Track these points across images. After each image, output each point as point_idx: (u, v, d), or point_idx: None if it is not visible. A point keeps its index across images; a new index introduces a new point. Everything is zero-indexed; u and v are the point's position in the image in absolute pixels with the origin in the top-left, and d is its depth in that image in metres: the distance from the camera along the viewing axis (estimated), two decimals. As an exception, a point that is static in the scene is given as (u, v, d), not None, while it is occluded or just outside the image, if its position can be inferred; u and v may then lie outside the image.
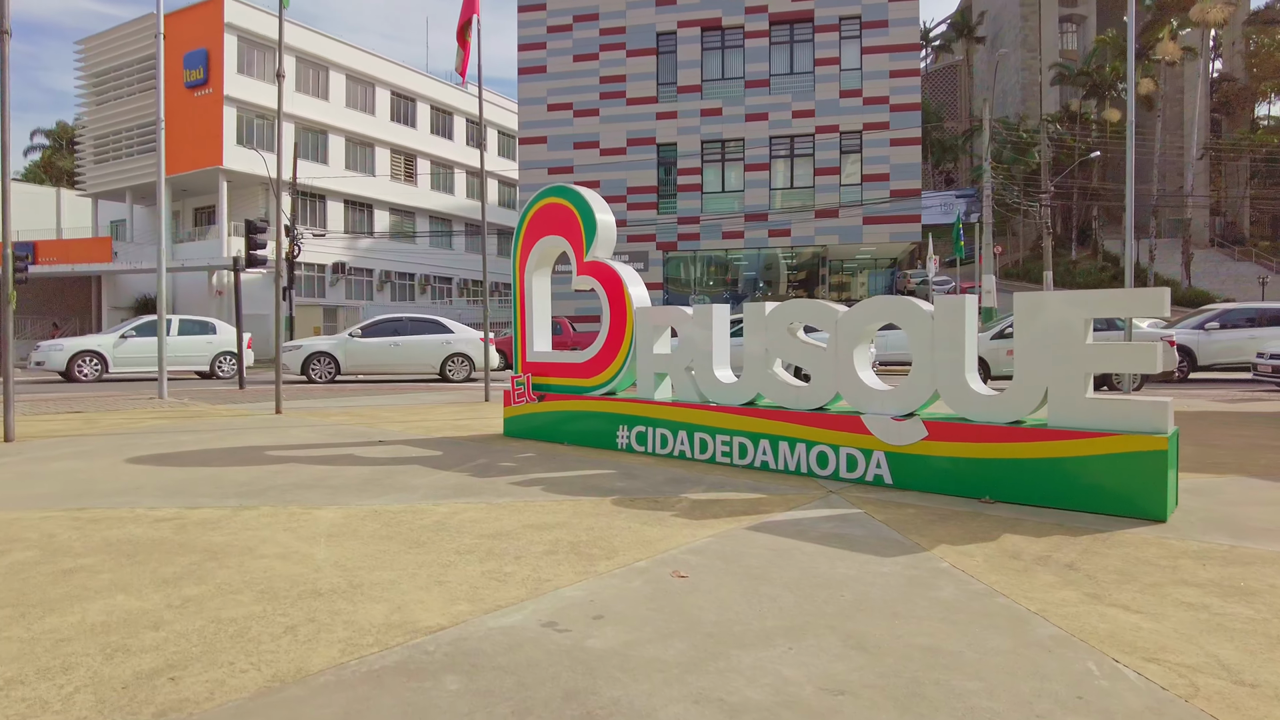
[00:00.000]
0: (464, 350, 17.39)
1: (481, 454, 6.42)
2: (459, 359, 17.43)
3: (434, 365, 17.35)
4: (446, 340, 17.40)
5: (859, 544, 3.71)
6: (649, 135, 28.07)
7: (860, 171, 27.22)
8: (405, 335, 17.18)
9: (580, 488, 5.04)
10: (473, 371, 17.55)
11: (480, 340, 17.42)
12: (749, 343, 5.79)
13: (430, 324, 17.64)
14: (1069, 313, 4.43)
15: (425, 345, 17.24)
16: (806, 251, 28.81)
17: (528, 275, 7.34)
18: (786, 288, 30.16)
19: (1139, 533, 3.91)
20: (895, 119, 26.85)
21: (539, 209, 7.24)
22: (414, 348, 17.14)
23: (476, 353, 17.42)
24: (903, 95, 26.91)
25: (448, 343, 17.39)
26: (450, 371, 17.35)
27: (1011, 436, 4.55)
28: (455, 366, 17.41)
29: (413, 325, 17.46)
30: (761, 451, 5.62)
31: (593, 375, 6.84)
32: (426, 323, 17.65)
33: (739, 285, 30.21)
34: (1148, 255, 45.56)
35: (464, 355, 17.40)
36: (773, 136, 27.52)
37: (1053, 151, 51.89)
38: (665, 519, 4.19)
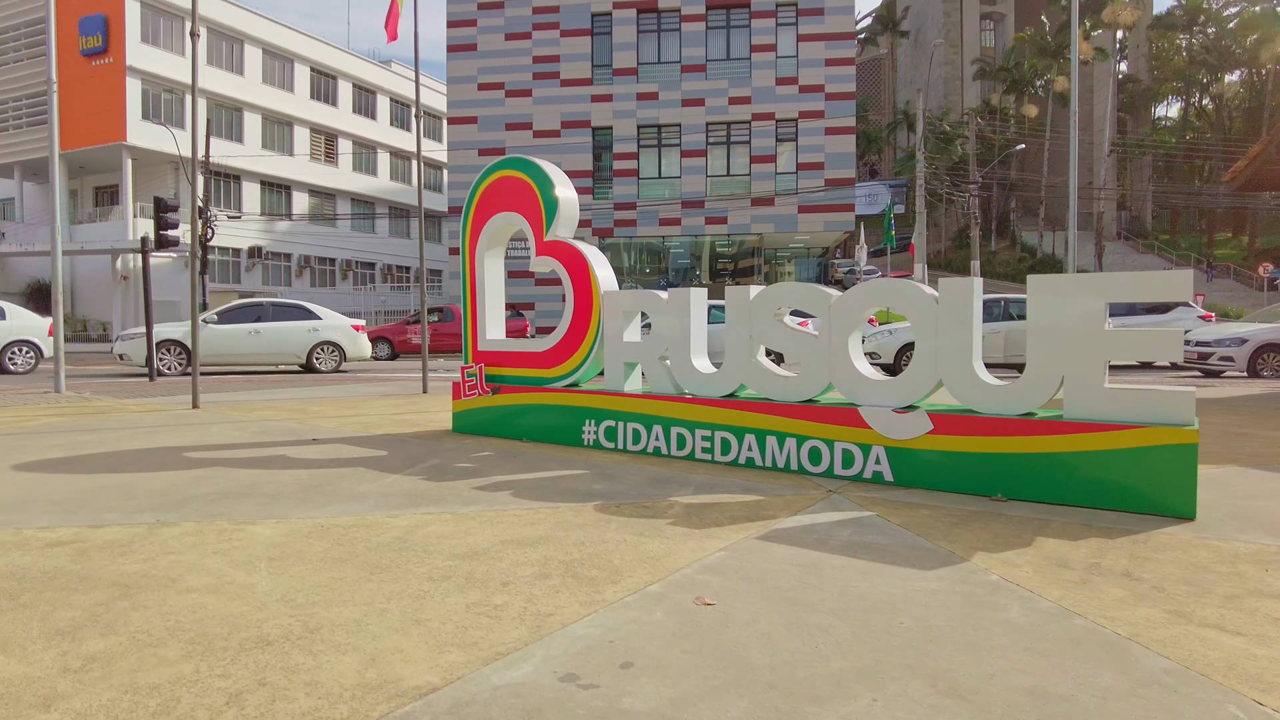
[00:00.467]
0: (333, 338, 16.07)
1: (432, 453, 5.78)
2: (327, 348, 16.09)
3: (299, 354, 15.93)
4: (313, 327, 16.02)
5: (889, 554, 3.30)
6: (584, 118, 27.37)
7: (795, 160, 27.20)
8: (267, 321, 15.72)
9: (554, 492, 4.49)
10: (343, 362, 16.30)
11: (352, 327, 16.33)
12: (731, 329, 5.33)
13: (295, 309, 16.23)
14: (1088, 297, 4.12)
15: (289, 333, 15.83)
16: (743, 240, 28.68)
17: (479, 256, 6.70)
18: (711, 275, 29.92)
19: (1175, 533, 3.62)
20: (830, 107, 26.91)
21: (491, 183, 6.60)
22: (277, 335, 15.71)
23: (348, 341, 16.21)
24: (838, 84, 26.98)
25: (314, 330, 16.01)
26: (318, 361, 16.01)
27: (1027, 430, 4.22)
28: (324, 356, 16.06)
29: (275, 310, 16.03)
30: (747, 447, 5.18)
31: (554, 365, 6.28)
32: (291, 308, 16.24)
33: (670, 273, 29.87)
34: (1063, 246, 47.42)
35: (333, 344, 16.09)
36: (709, 123, 27.21)
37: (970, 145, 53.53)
38: (662, 529, 3.69)
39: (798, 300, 5.17)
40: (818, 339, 4.98)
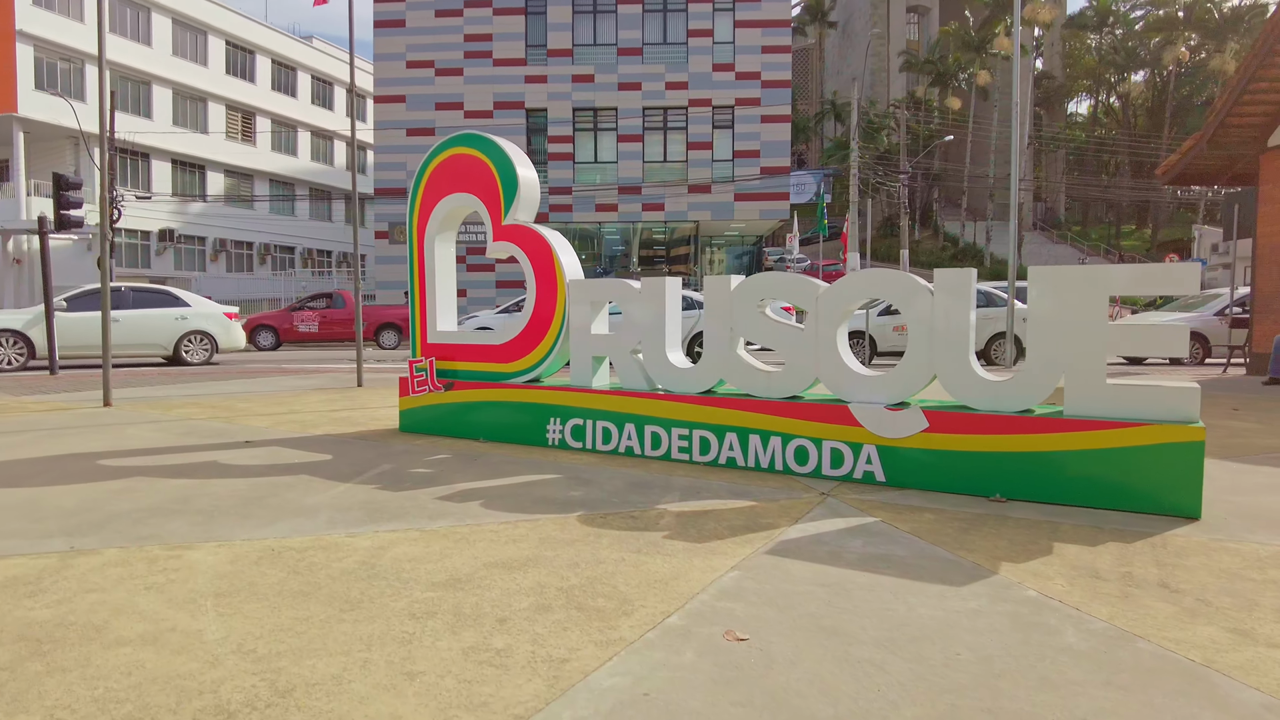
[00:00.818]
0: (204, 327, 14.92)
1: (382, 457, 5.30)
2: (197, 337, 14.92)
3: (165, 345, 14.66)
4: (181, 315, 14.74)
5: (912, 568, 3.06)
6: (517, 99, 26.62)
7: (732, 147, 27.11)
8: (128, 309, 14.30)
9: (529, 501, 4.11)
10: (215, 353, 15.22)
11: (225, 315, 15.23)
12: (710, 321, 5.02)
13: (159, 295, 14.96)
14: (1092, 289, 3.97)
15: (153, 321, 14.48)
16: (675, 227, 28.47)
17: (428, 241, 6.20)
18: (641, 262, 29.55)
19: (1187, 535, 3.50)
20: (766, 95, 26.89)
21: (443, 161, 6.10)
22: (139, 324, 14.32)
23: (221, 330, 15.10)
24: (774, 72, 26.97)
25: (183, 318, 14.74)
26: (186, 353, 14.84)
27: (1027, 428, 4.06)
28: (193, 346, 14.90)
29: (136, 296, 14.63)
30: (728, 446, 4.90)
31: (514, 359, 5.85)
32: (155, 294, 14.95)
33: (604, 260, 29.44)
34: (984, 236, 49.05)
35: (204, 333, 14.95)
36: (646, 107, 26.85)
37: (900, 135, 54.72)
38: (660, 544, 3.36)
39: (782, 291, 4.90)
40: (804, 332, 4.72)
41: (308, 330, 20.20)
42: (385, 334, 20.90)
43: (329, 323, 20.34)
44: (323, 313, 20.51)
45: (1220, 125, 10.60)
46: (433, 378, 6.11)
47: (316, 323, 20.19)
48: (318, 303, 20.66)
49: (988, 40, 46.55)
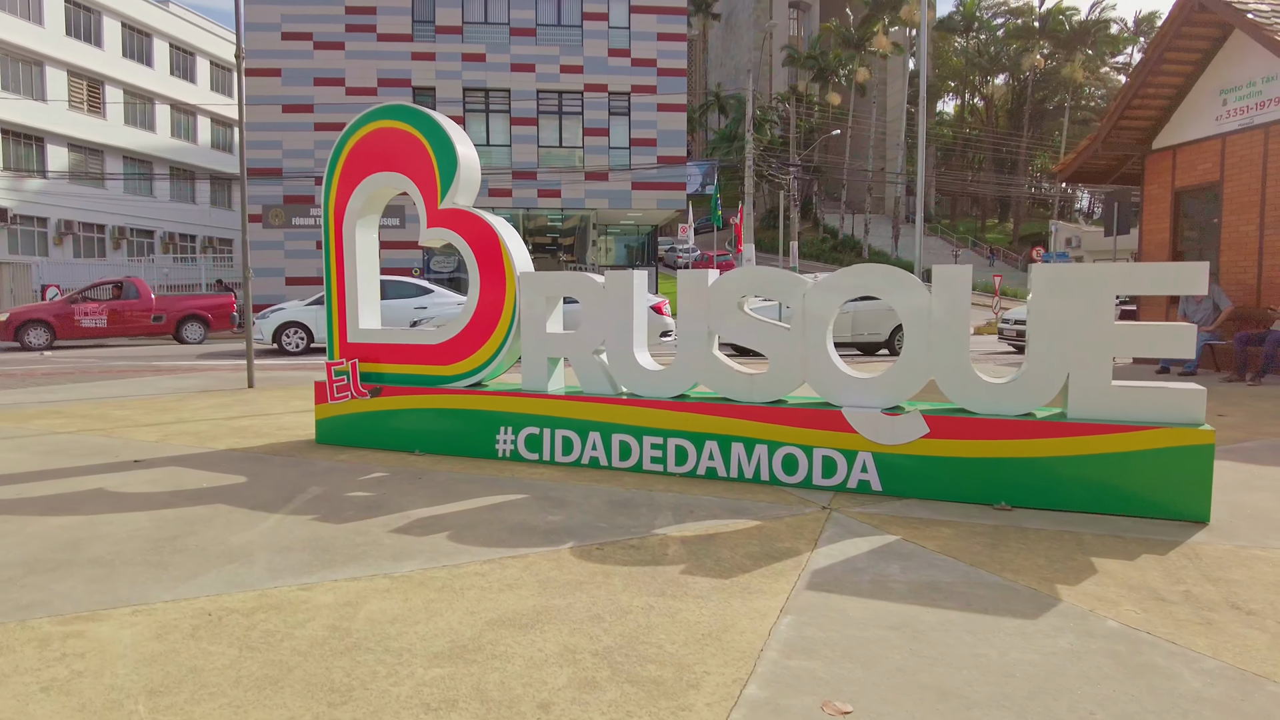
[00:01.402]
0: None
1: (308, 478, 4.57)
2: None
3: None
4: None
5: (968, 598, 2.76)
6: (403, 76, 25.11)
7: (629, 135, 26.70)
8: None
9: (503, 530, 3.55)
10: None
11: None
12: (685, 319, 4.60)
13: None
14: (1098, 288, 3.81)
15: None
16: (576, 215, 27.85)
17: (347, 227, 5.44)
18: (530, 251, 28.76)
19: (1209, 542, 3.39)
20: (663, 83, 26.61)
21: (366, 136, 5.35)
22: None
23: None
24: (670, 59, 26.72)
25: None
26: None
27: (1032, 432, 3.87)
28: None
29: None
30: (707, 456, 4.49)
31: (454, 361, 5.21)
32: None
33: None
34: (863, 229, 51.03)
35: None
36: (540, 90, 25.97)
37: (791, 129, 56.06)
38: (681, 582, 2.91)
39: (765, 286, 4.53)
40: (790, 332, 4.37)
41: (93, 325, 16.82)
42: (189, 327, 17.91)
43: (120, 316, 17.10)
44: (111, 304, 17.14)
45: (1113, 128, 11.14)
46: (355, 383, 5.38)
47: (104, 316, 17.13)
48: (100, 292, 17.33)
49: (867, 38, 48.25)
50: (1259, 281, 9.69)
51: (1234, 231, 10.04)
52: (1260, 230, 9.65)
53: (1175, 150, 10.91)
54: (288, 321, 14.60)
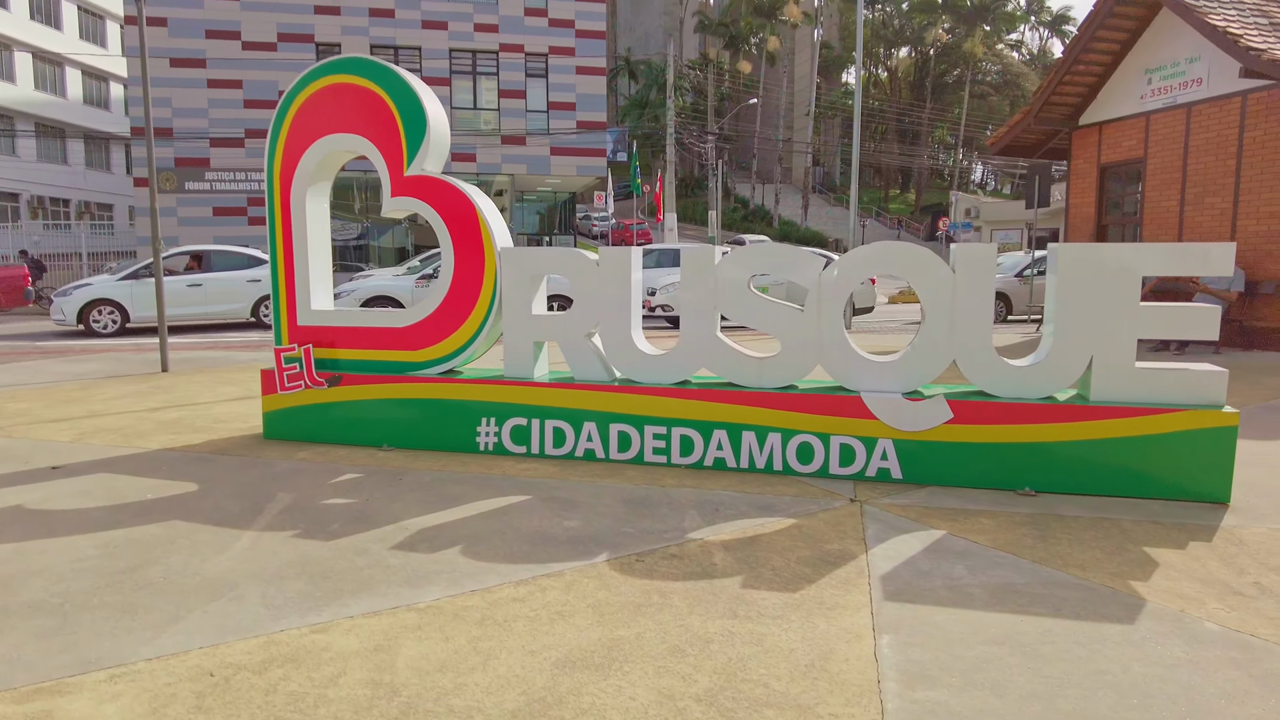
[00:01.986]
0: None
1: (268, 481, 4.03)
2: None
3: None
4: None
5: (1055, 602, 2.61)
6: (306, 31, 23.36)
7: (547, 98, 25.85)
8: None
9: (520, 541, 3.18)
10: None
11: None
12: (687, 299, 4.28)
13: None
14: (1125, 268, 3.72)
15: None
16: (493, 180, 26.84)
17: (296, 195, 4.83)
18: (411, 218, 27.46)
19: (1244, 525, 3.38)
20: (581, 45, 25.83)
21: (317, 93, 4.73)
22: None
23: None
24: (588, 21, 25.93)
25: None
26: None
27: (1060, 416, 3.77)
28: None
29: None
30: (715, 446, 4.22)
31: (425, 345, 4.72)
32: None
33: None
34: (774, 199, 51.63)
35: None
36: (453, 49, 24.74)
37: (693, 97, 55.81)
38: (748, 599, 2.64)
39: (777, 265, 4.26)
40: (804, 314, 4.12)
41: None
42: None
43: None
44: None
45: (1045, 103, 11.38)
46: (310, 371, 4.81)
47: None
48: None
49: (778, 7, 48.37)
50: (1180, 254, 10.12)
51: (1156, 207, 10.45)
52: (1181, 206, 10.07)
53: (1101, 126, 11.24)
54: (96, 299, 12.31)
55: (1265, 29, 8.85)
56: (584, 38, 25.83)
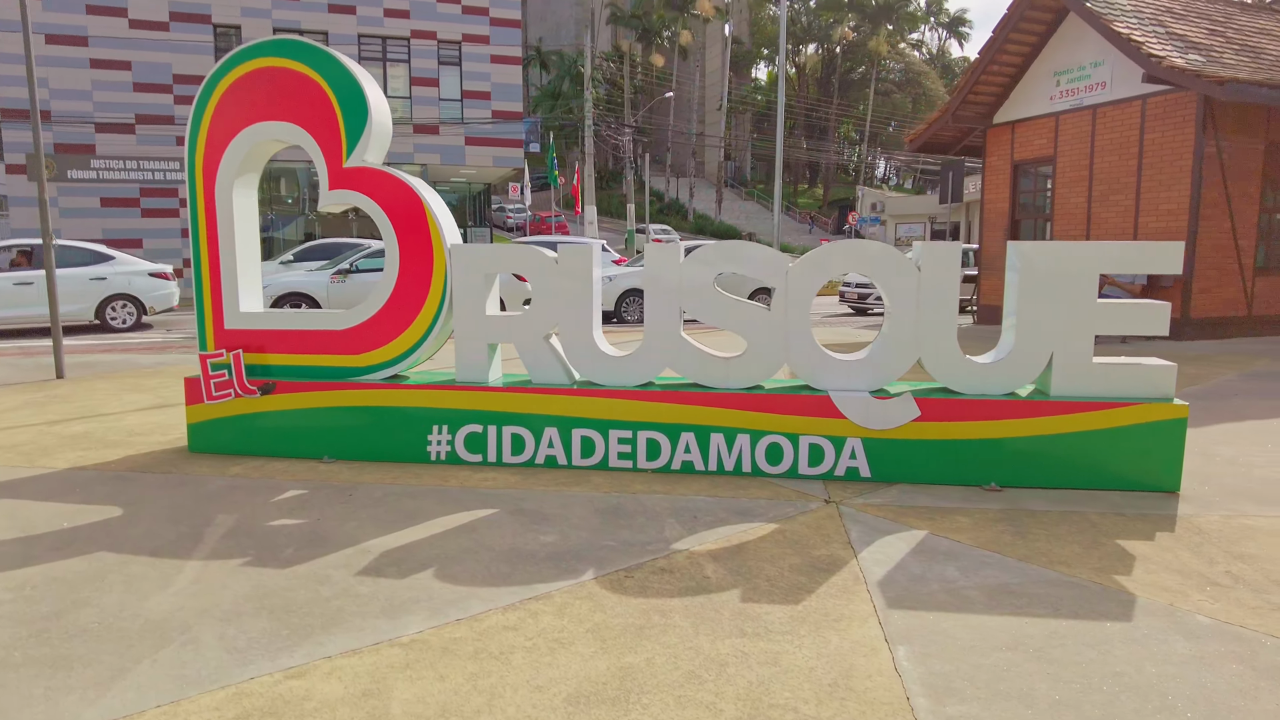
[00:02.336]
0: None
1: (203, 501, 3.68)
2: None
3: None
4: None
5: (1059, 604, 2.62)
6: (203, 11, 21.90)
7: (460, 87, 25.16)
8: None
9: (498, 560, 2.99)
10: None
11: None
12: (653, 298, 4.15)
13: None
14: (1081, 267, 3.81)
15: None
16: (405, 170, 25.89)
17: (221, 187, 4.44)
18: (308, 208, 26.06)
19: (1199, 514, 3.52)
20: (496, 33, 25.24)
21: (244, 77, 4.35)
22: None
23: None
24: (503, 8, 25.35)
25: None
26: None
27: (1023, 412, 3.84)
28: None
29: None
30: (683, 449, 4.11)
31: (368, 349, 4.43)
32: None
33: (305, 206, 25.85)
34: (688, 192, 52.03)
35: None
36: (362, 34, 23.73)
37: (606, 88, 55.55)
38: (755, 615, 2.54)
39: (745, 264, 4.16)
40: (771, 313, 4.05)
41: None
42: None
43: None
44: None
45: (962, 103, 11.78)
46: (240, 379, 4.43)
47: None
48: None
49: (690, 1, 48.63)
50: (1087, 249, 10.65)
51: (1065, 203, 10.97)
52: (1089, 202, 10.60)
53: (1014, 125, 11.72)
54: None
55: (1163, 37, 9.39)
56: (499, 26, 25.26)
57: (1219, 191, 9.35)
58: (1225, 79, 8.40)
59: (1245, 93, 8.47)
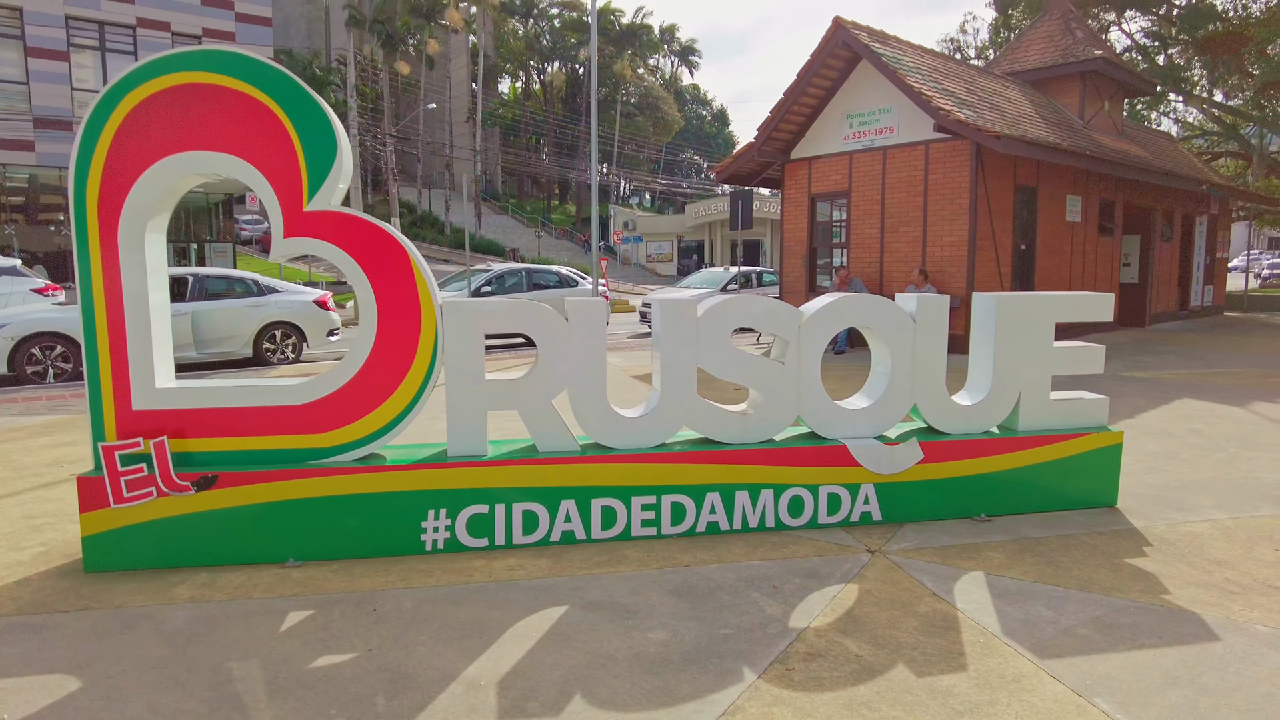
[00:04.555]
0: None
1: (187, 645, 2.87)
2: None
3: None
4: None
5: (1152, 631, 2.94)
6: None
7: (201, 85, 22.19)
8: None
9: (637, 671, 2.70)
10: None
11: None
12: (670, 354, 3.98)
13: None
14: (1042, 316, 4.34)
15: None
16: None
17: (127, 233, 3.50)
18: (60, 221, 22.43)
19: (1150, 525, 4.14)
20: (243, 31, 22.63)
21: (161, 93, 3.47)
22: None
23: None
24: (250, 4, 22.79)
25: None
26: None
27: (1003, 448, 4.27)
28: None
29: None
30: (708, 510, 4.00)
31: (338, 425, 3.74)
32: None
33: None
34: (443, 205, 50.43)
35: None
36: (71, 17, 20.00)
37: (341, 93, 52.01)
38: (943, 689, 2.56)
39: (759, 318, 4.13)
40: (785, 366, 4.09)
41: None
42: None
43: None
44: None
45: (767, 139, 12.71)
46: (166, 473, 3.52)
47: None
48: None
49: (437, 9, 47.22)
50: (880, 274, 12.05)
51: (860, 233, 12.29)
52: (881, 232, 11.98)
53: (811, 161, 12.89)
54: None
55: (942, 93, 10.90)
56: (246, 22, 22.73)
57: (987, 225, 11.05)
58: (1000, 133, 9.98)
59: (1013, 146, 10.13)
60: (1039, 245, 12.22)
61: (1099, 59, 14.18)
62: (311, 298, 11.92)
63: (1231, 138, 27.16)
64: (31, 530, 4.12)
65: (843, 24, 11.29)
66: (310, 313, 11.71)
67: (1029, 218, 12.01)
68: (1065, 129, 13.08)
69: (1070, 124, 13.75)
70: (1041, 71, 14.65)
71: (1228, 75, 24.19)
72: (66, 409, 7.78)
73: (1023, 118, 12.13)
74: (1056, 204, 12.55)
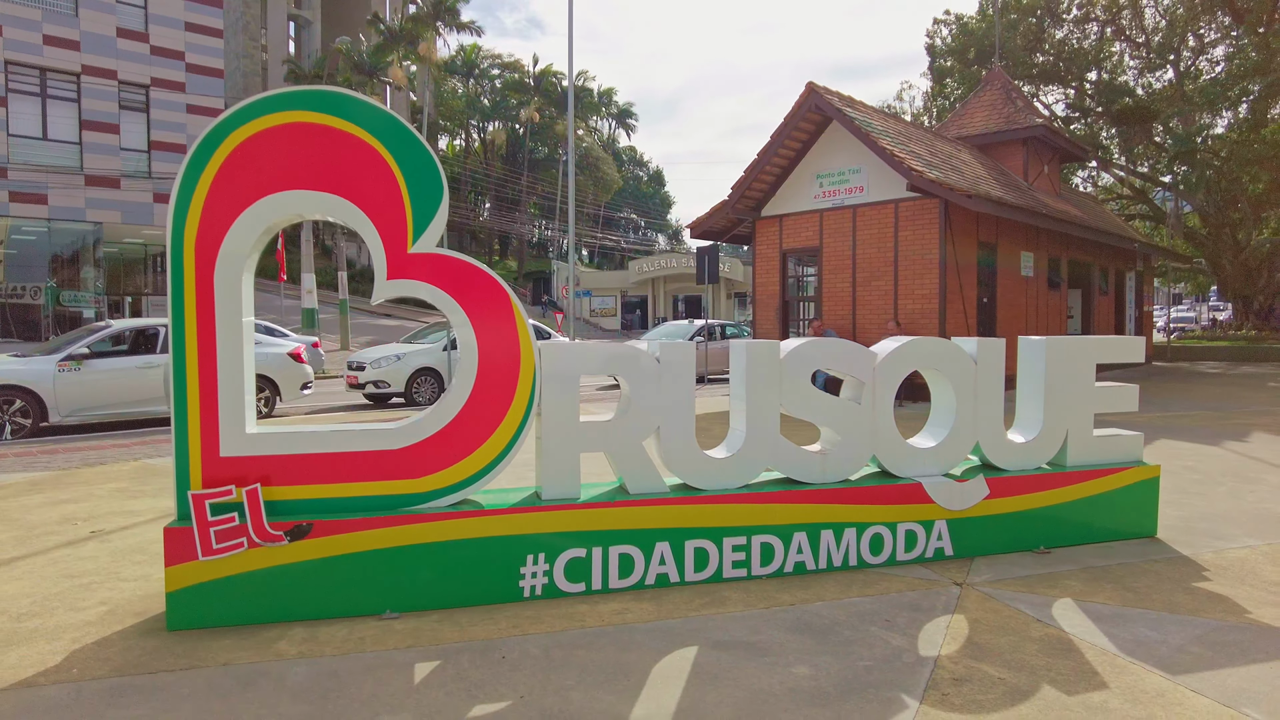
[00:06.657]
0: None
1: (319, 703, 2.74)
2: None
3: None
4: None
5: (1250, 647, 3.12)
6: None
7: (148, 136, 21.62)
8: None
9: (805, 704, 2.72)
10: None
11: None
12: (755, 395, 4.07)
13: None
14: (1086, 358, 4.62)
15: None
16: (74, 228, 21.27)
17: (224, 274, 3.43)
18: None
19: (1196, 553, 4.38)
20: (194, 82, 22.22)
21: (264, 133, 3.44)
22: None
23: None
24: (202, 55, 22.43)
25: None
26: None
27: (1056, 483, 4.50)
28: None
29: None
30: (795, 550, 4.05)
31: (434, 469, 3.67)
32: None
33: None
34: (384, 259, 49.70)
35: None
36: (11, 62, 19.29)
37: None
38: (1100, 707, 2.65)
39: (838, 359, 4.27)
40: (861, 407, 4.22)
41: None
42: None
43: None
44: None
45: (740, 197, 13.14)
46: (259, 522, 3.39)
47: None
48: None
49: (381, 68, 47.42)
50: (854, 326, 12.47)
51: (832, 287, 12.74)
52: (853, 287, 12.45)
53: (782, 218, 13.36)
54: None
55: (910, 154, 11.53)
56: (197, 73, 22.36)
57: (955, 279, 11.62)
58: (971, 192, 10.60)
59: (981, 204, 10.76)
60: (999, 298, 12.89)
61: (1040, 126, 15.27)
62: (285, 350, 11.61)
63: (1141, 202, 29.41)
64: (82, 590, 3.86)
65: (815, 89, 11.89)
66: (284, 365, 11.38)
67: (990, 272, 12.68)
68: (1015, 190, 13.96)
69: (1018, 185, 14.68)
70: (987, 136, 15.66)
71: (1137, 145, 26.33)
72: (44, 465, 7.32)
73: (980, 178, 12.91)
74: (1013, 260, 13.31)
